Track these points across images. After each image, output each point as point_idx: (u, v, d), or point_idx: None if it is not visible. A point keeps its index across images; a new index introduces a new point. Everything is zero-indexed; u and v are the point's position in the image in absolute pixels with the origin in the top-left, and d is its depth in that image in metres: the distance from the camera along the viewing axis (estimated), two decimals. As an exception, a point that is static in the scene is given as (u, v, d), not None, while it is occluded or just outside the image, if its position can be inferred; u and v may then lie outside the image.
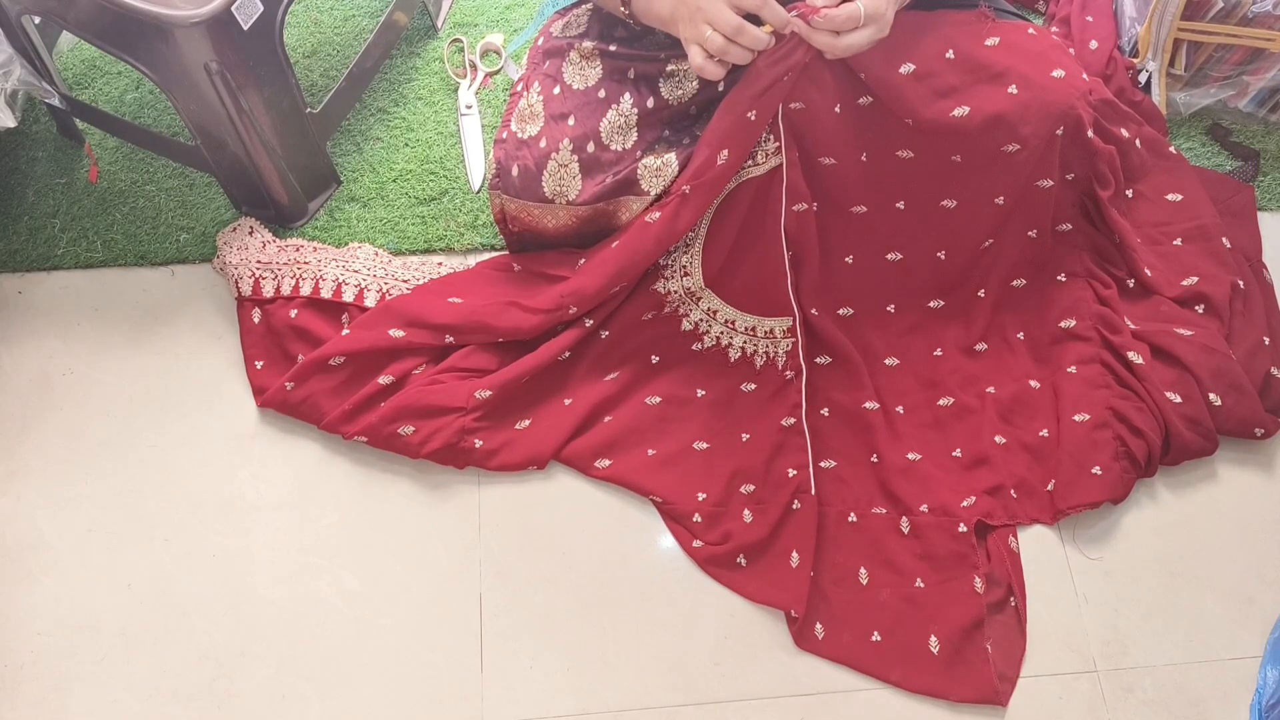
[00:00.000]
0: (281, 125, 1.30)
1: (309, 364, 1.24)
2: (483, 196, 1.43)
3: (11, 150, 1.45)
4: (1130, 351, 1.27)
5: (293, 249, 1.34)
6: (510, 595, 1.17)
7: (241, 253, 1.32)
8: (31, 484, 1.22)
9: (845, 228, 1.29)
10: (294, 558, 1.19)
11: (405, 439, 1.21)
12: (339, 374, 1.24)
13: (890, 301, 1.34)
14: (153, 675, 1.12)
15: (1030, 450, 1.26)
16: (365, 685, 1.12)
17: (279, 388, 1.24)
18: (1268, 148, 1.53)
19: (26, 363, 1.29)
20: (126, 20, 1.14)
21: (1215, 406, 1.25)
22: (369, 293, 1.32)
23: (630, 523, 1.22)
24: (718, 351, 1.31)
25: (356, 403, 1.22)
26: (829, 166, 1.23)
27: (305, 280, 1.31)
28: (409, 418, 1.21)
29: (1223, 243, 1.37)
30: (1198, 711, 1.14)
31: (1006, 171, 1.23)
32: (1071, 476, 1.23)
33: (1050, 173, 1.25)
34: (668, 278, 1.30)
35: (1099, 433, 1.24)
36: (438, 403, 1.22)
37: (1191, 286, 1.33)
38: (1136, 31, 1.53)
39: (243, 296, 1.31)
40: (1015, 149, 1.21)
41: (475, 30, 1.60)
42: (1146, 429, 1.23)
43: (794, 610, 1.15)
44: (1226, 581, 1.21)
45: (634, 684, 1.13)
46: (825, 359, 1.31)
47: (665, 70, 1.24)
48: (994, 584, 1.17)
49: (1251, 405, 1.26)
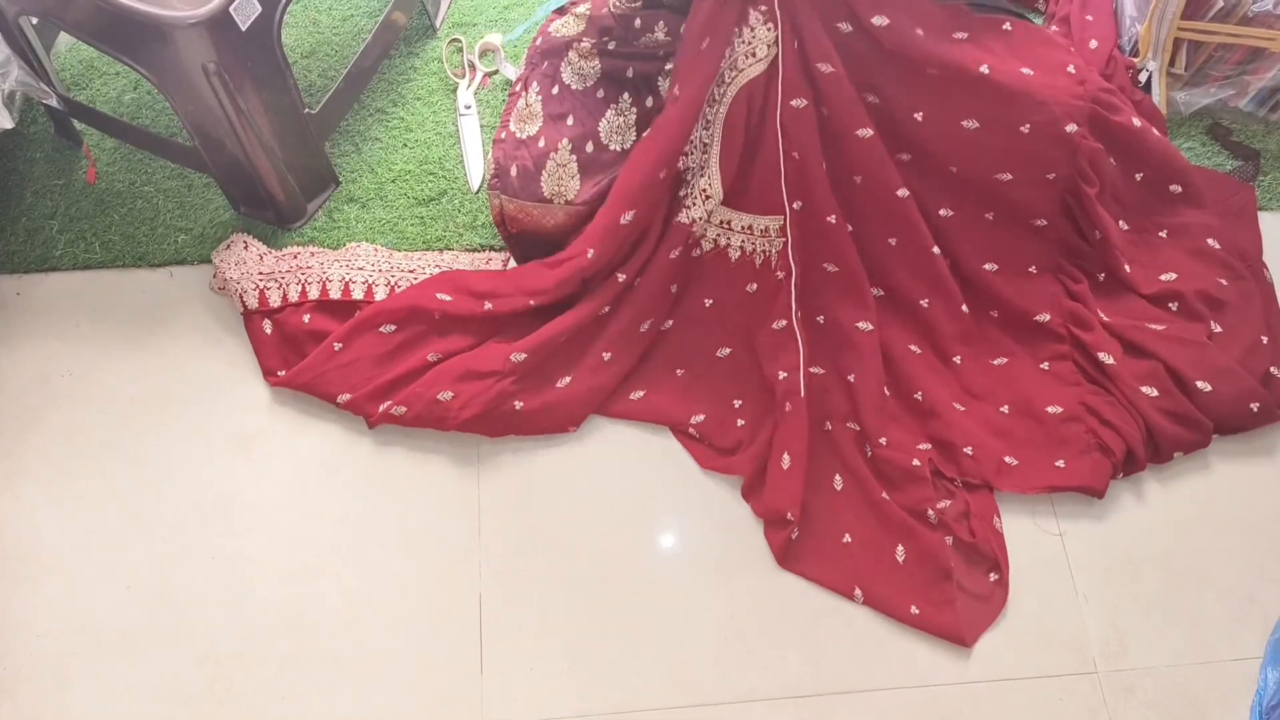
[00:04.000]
0: (280, 126, 1.30)
1: (359, 323, 1.25)
2: (482, 197, 1.43)
3: (9, 151, 1.45)
4: (1101, 352, 1.29)
5: (290, 256, 1.34)
6: (510, 595, 1.17)
7: (240, 267, 1.31)
8: (31, 484, 1.22)
9: (856, 150, 1.28)
10: (294, 558, 1.18)
11: (445, 405, 1.21)
12: (389, 341, 1.25)
13: (893, 235, 1.33)
14: (153, 675, 1.12)
15: (989, 422, 1.28)
16: (365, 685, 1.12)
17: (323, 349, 1.24)
18: (1268, 147, 1.53)
19: (26, 364, 1.29)
20: (124, 21, 1.14)
21: (1205, 393, 1.26)
22: (377, 287, 1.32)
23: (630, 523, 1.22)
24: (717, 254, 1.31)
25: (401, 374, 1.23)
26: (828, 75, 1.23)
27: (311, 284, 1.31)
28: (449, 382, 1.22)
29: (1207, 242, 1.37)
30: (1198, 713, 1.14)
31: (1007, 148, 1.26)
32: (1033, 460, 1.25)
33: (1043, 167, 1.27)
34: (689, 206, 1.29)
35: (1068, 426, 1.26)
36: (476, 367, 1.23)
37: (1169, 283, 1.35)
38: (1137, 31, 1.53)
39: (249, 310, 1.30)
40: (1027, 129, 1.23)
41: (474, 30, 1.60)
42: (1118, 421, 1.25)
43: (791, 513, 1.17)
44: (1226, 581, 1.21)
45: (634, 684, 1.13)
46: (832, 267, 1.31)
47: (664, 69, 1.24)
48: (979, 557, 1.20)
49: (1240, 383, 1.27)
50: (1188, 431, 1.25)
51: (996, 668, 1.15)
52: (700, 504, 1.23)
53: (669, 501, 1.23)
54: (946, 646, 1.16)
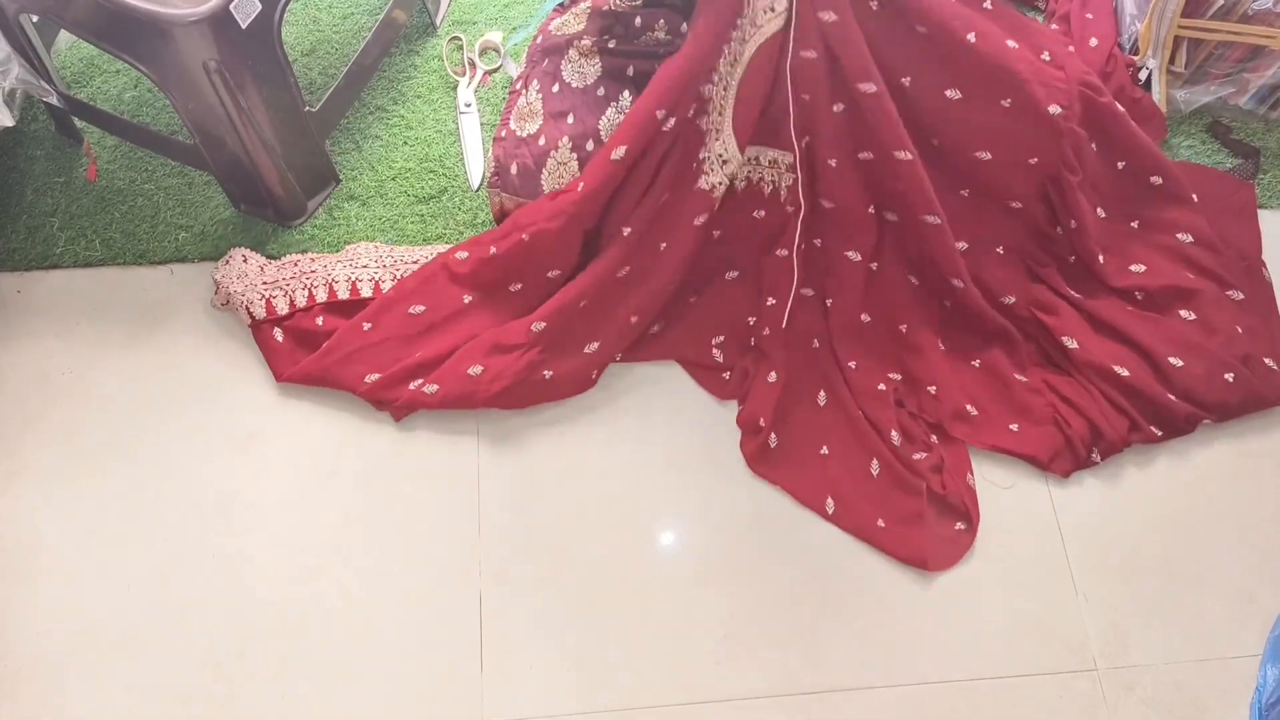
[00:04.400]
0: (280, 123, 1.30)
1: (386, 303, 1.27)
2: (482, 194, 1.43)
3: (10, 149, 1.45)
4: (1065, 336, 1.31)
5: (291, 264, 1.33)
6: (510, 595, 1.17)
7: (243, 280, 1.30)
8: (31, 484, 1.22)
9: (863, 104, 1.28)
10: (294, 558, 1.18)
11: (474, 379, 1.22)
12: (418, 322, 1.27)
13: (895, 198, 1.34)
14: (153, 675, 1.12)
15: (960, 371, 1.31)
16: (365, 685, 1.12)
17: (352, 327, 1.25)
18: (1268, 145, 1.53)
19: (26, 362, 1.29)
20: (125, 19, 1.14)
21: (1178, 368, 1.27)
22: (384, 283, 1.32)
23: (630, 522, 1.22)
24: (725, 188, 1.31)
25: (430, 356, 1.24)
26: (832, 24, 1.22)
27: (318, 287, 1.31)
28: (478, 356, 1.23)
29: (1178, 237, 1.38)
30: (1198, 710, 1.14)
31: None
32: (992, 416, 1.29)
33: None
34: (708, 172, 1.29)
35: (1031, 396, 1.29)
36: (504, 340, 1.24)
37: (1138, 275, 1.35)
38: (1137, 29, 1.53)
39: (257, 320, 1.29)
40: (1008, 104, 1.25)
41: (474, 28, 1.59)
42: (1077, 399, 1.27)
43: (763, 419, 1.22)
44: (1226, 580, 1.21)
45: (634, 684, 1.13)
46: (829, 203, 1.32)
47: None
48: (948, 509, 1.23)
49: (1212, 355, 1.28)
50: (1137, 433, 1.28)
51: (996, 666, 1.15)
52: (700, 504, 1.23)
53: (669, 501, 1.23)
54: (947, 646, 1.16)
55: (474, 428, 1.26)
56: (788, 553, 1.21)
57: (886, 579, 1.20)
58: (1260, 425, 1.31)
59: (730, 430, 1.28)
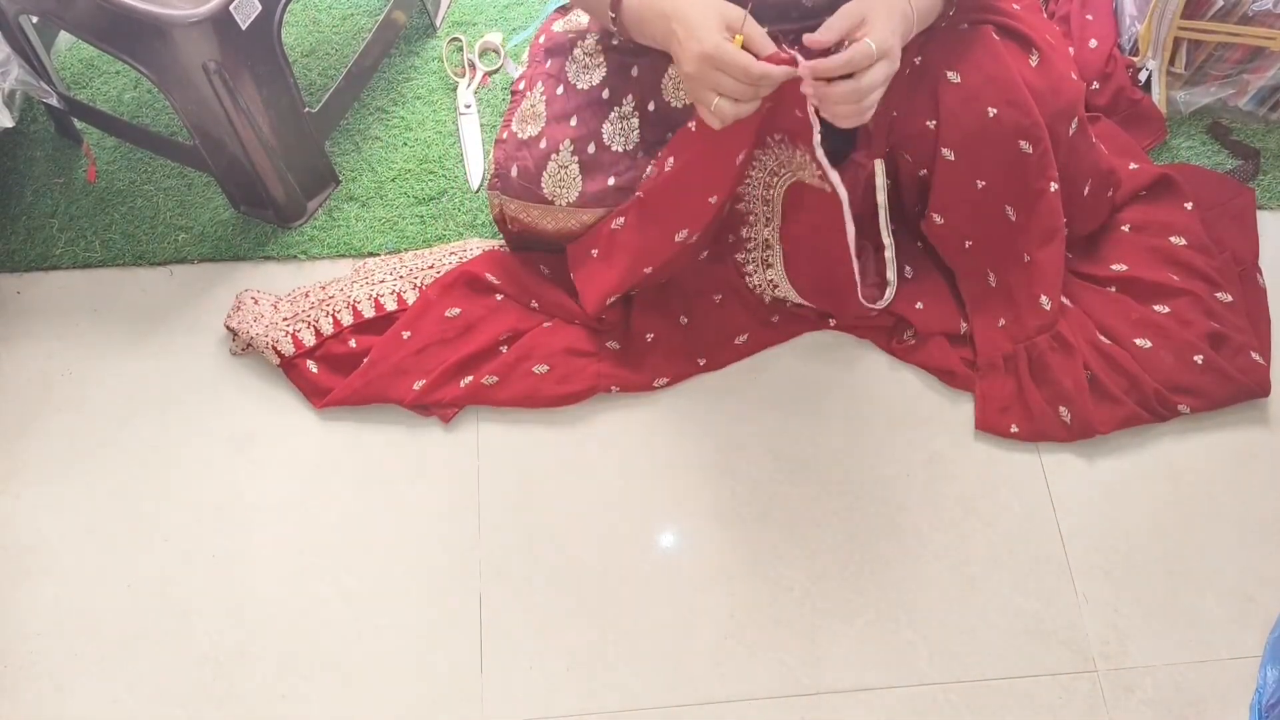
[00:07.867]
0: (280, 124, 1.30)
1: (419, 312, 1.28)
2: (482, 196, 1.43)
3: (9, 150, 1.45)
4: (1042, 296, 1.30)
5: (302, 295, 1.31)
6: (510, 595, 1.17)
7: (260, 322, 1.28)
8: (31, 484, 1.22)
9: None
10: (294, 558, 1.18)
11: (539, 377, 1.24)
12: (454, 325, 1.28)
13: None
14: (153, 675, 1.12)
15: (941, 285, 1.34)
16: (365, 686, 1.12)
17: (390, 339, 1.26)
18: (1268, 146, 1.53)
19: (25, 363, 1.29)
20: (124, 20, 1.14)
21: (1145, 350, 1.28)
22: (406, 294, 1.31)
23: (630, 522, 1.22)
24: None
25: (473, 351, 1.25)
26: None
27: (342, 311, 1.30)
28: (542, 356, 1.25)
29: (1168, 240, 1.37)
30: (1198, 711, 1.14)
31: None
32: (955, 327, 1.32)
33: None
34: (749, 274, 1.33)
35: (1000, 344, 1.30)
36: (576, 345, 1.27)
37: (1118, 272, 1.35)
38: (1136, 30, 1.53)
39: (287, 358, 1.27)
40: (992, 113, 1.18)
41: (474, 29, 1.60)
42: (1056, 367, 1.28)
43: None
44: (1226, 581, 1.21)
45: (634, 684, 1.13)
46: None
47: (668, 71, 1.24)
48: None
49: (1180, 337, 1.28)
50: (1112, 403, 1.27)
51: (996, 667, 1.15)
52: (700, 504, 1.23)
53: (669, 501, 1.23)
54: (947, 646, 1.16)
55: (474, 428, 1.27)
56: (788, 553, 1.21)
57: (887, 579, 1.20)
58: (1261, 425, 1.31)
59: (731, 429, 1.28)
